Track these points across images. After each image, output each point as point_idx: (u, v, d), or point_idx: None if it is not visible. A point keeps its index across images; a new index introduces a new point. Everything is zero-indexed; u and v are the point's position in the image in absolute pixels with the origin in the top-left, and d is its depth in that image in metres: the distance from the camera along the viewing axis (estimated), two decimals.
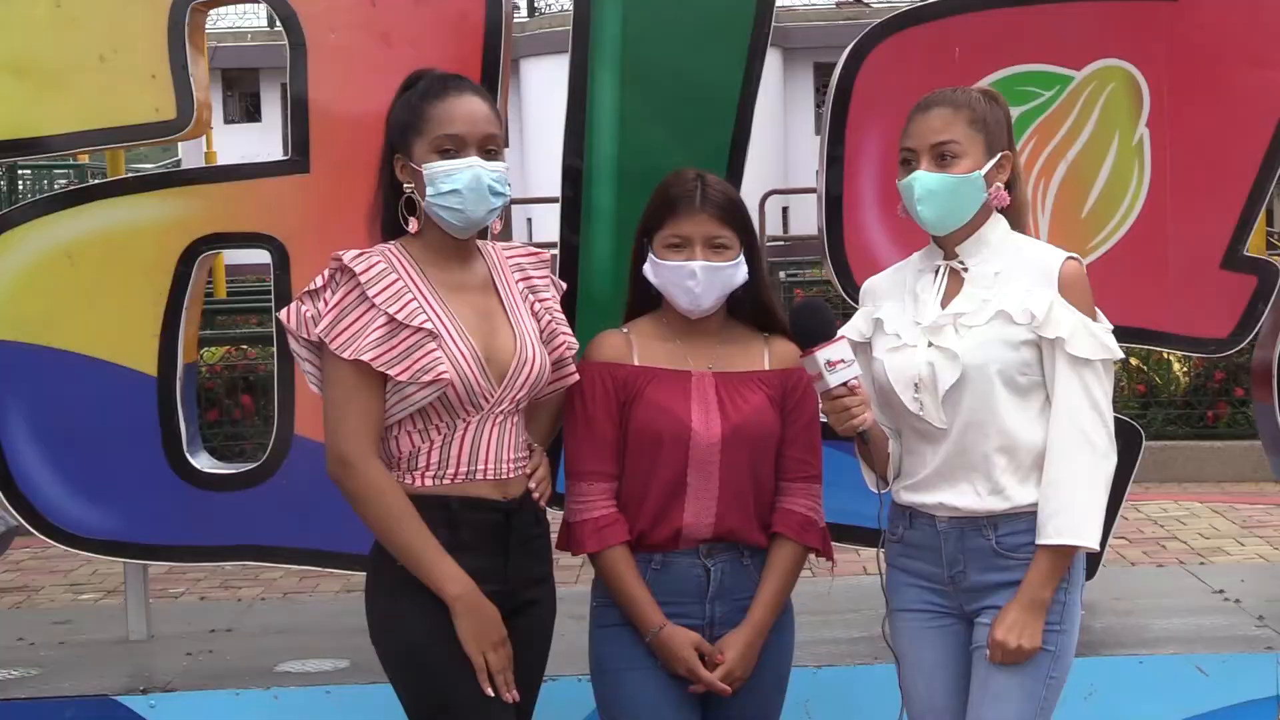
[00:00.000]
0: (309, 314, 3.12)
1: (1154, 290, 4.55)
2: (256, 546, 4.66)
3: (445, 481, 3.13)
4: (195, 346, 4.85)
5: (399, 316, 3.07)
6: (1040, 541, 3.15)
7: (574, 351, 3.36)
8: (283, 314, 3.16)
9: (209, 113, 4.65)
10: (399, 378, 3.06)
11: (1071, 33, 4.58)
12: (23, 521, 4.64)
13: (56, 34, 4.52)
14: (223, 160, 12.09)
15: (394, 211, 3.20)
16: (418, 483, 3.13)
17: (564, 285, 3.47)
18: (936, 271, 3.29)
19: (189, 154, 19.81)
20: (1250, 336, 4.67)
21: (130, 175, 6.79)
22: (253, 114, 27.78)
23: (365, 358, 3.05)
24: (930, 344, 3.21)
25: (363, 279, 3.08)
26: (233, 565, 6.71)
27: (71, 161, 17.00)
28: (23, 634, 4.97)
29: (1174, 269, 4.61)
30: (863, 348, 3.35)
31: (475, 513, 3.14)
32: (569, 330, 3.36)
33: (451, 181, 3.12)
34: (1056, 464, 3.15)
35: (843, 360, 3.15)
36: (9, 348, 4.55)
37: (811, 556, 3.46)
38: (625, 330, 3.45)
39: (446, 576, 3.06)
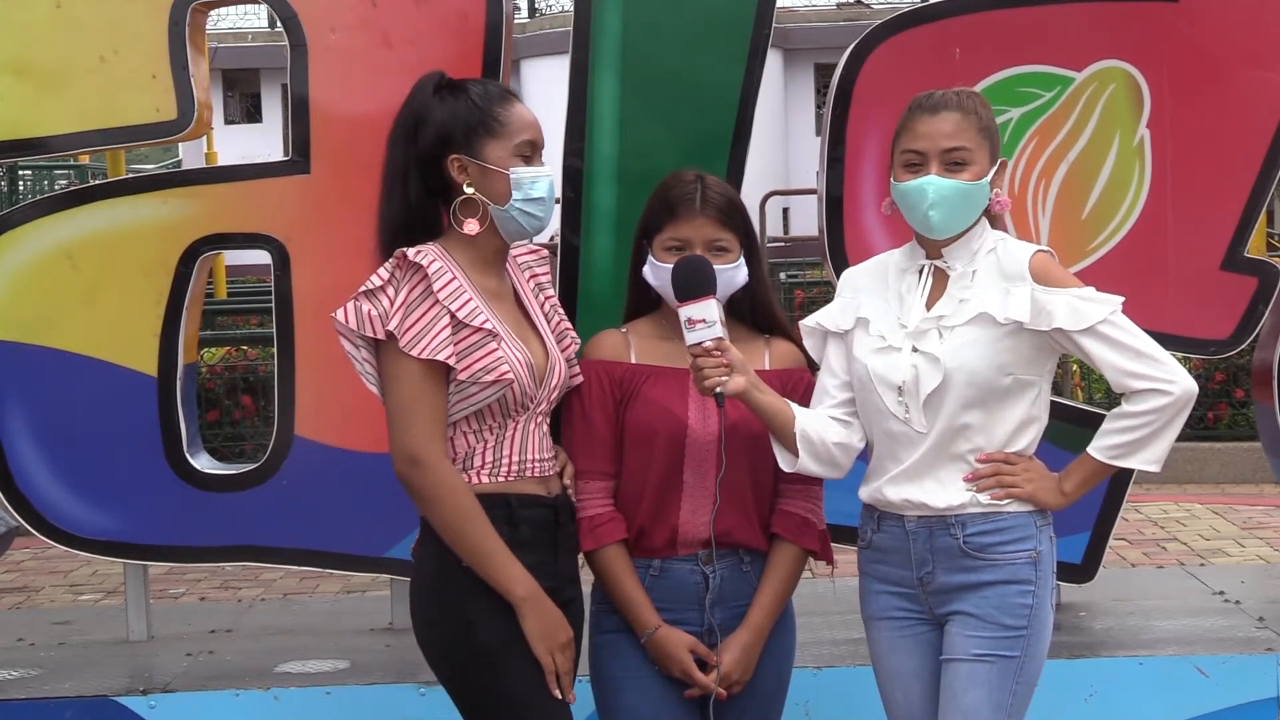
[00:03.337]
0: (372, 313, 3.10)
1: (1154, 291, 4.54)
2: (256, 547, 4.65)
3: (500, 479, 3.16)
4: (195, 347, 4.85)
5: (460, 315, 3.08)
6: (1093, 453, 3.23)
7: (578, 347, 3.39)
8: (339, 314, 3.13)
9: (209, 113, 4.65)
10: (460, 376, 3.08)
11: (1072, 34, 4.57)
12: (23, 522, 4.63)
13: (56, 34, 4.51)
14: (223, 161, 12.10)
15: (431, 211, 3.19)
16: (474, 480, 3.15)
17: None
18: (920, 271, 3.28)
19: (189, 154, 19.84)
20: (1250, 338, 4.67)
21: (131, 176, 6.78)
22: (253, 114, 27.77)
23: (440, 357, 3.06)
24: (914, 349, 3.21)
25: (429, 271, 3.08)
26: (233, 566, 6.72)
27: (72, 162, 16.99)
28: (22, 634, 4.96)
29: (1174, 270, 4.61)
30: (838, 338, 3.34)
31: (530, 510, 3.17)
32: (571, 327, 3.40)
33: (538, 188, 3.17)
34: (1133, 408, 3.20)
35: (703, 321, 3.15)
36: (9, 348, 4.55)
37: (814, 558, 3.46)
38: (624, 330, 3.45)
39: (514, 578, 3.09)
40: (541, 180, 3.17)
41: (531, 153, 3.19)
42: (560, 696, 3.12)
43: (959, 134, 3.20)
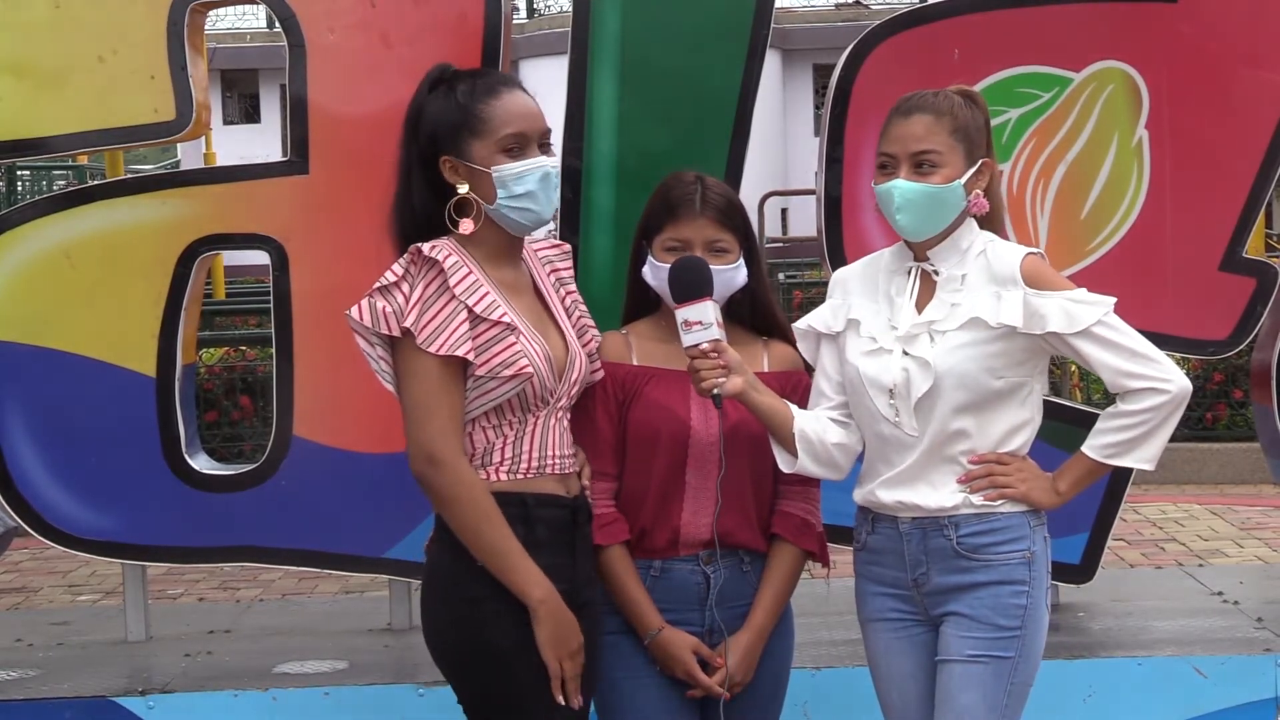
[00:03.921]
0: (387, 309, 3.07)
1: (1153, 292, 4.55)
2: (255, 548, 4.65)
3: (519, 476, 3.13)
4: (194, 347, 4.85)
5: (477, 309, 3.06)
6: (1088, 451, 3.23)
7: (599, 344, 3.37)
8: (353, 311, 3.10)
9: (208, 114, 4.65)
10: (479, 371, 3.06)
11: (1071, 34, 4.57)
12: (21, 522, 4.63)
13: (56, 34, 4.51)
14: (222, 161, 12.10)
15: (436, 214, 3.15)
16: (492, 477, 3.12)
17: None
18: (909, 274, 3.28)
19: (188, 155, 19.83)
20: (1249, 338, 4.67)
21: (129, 176, 6.78)
22: (252, 115, 27.73)
23: (459, 352, 3.03)
24: (905, 352, 3.21)
25: (445, 266, 3.06)
26: (231, 566, 6.71)
27: (70, 162, 17.00)
28: (21, 635, 4.96)
29: (1173, 271, 4.61)
30: (831, 340, 3.34)
31: (547, 509, 3.14)
32: (593, 323, 3.37)
33: (524, 183, 3.11)
34: (1129, 407, 3.19)
35: (700, 323, 3.15)
36: (9, 348, 4.55)
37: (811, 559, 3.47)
38: (624, 332, 3.45)
39: (531, 581, 3.06)
40: (529, 174, 3.12)
41: (517, 145, 3.12)
42: (564, 703, 3.09)
43: (929, 137, 3.19)
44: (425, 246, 3.09)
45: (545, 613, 3.06)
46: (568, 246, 3.42)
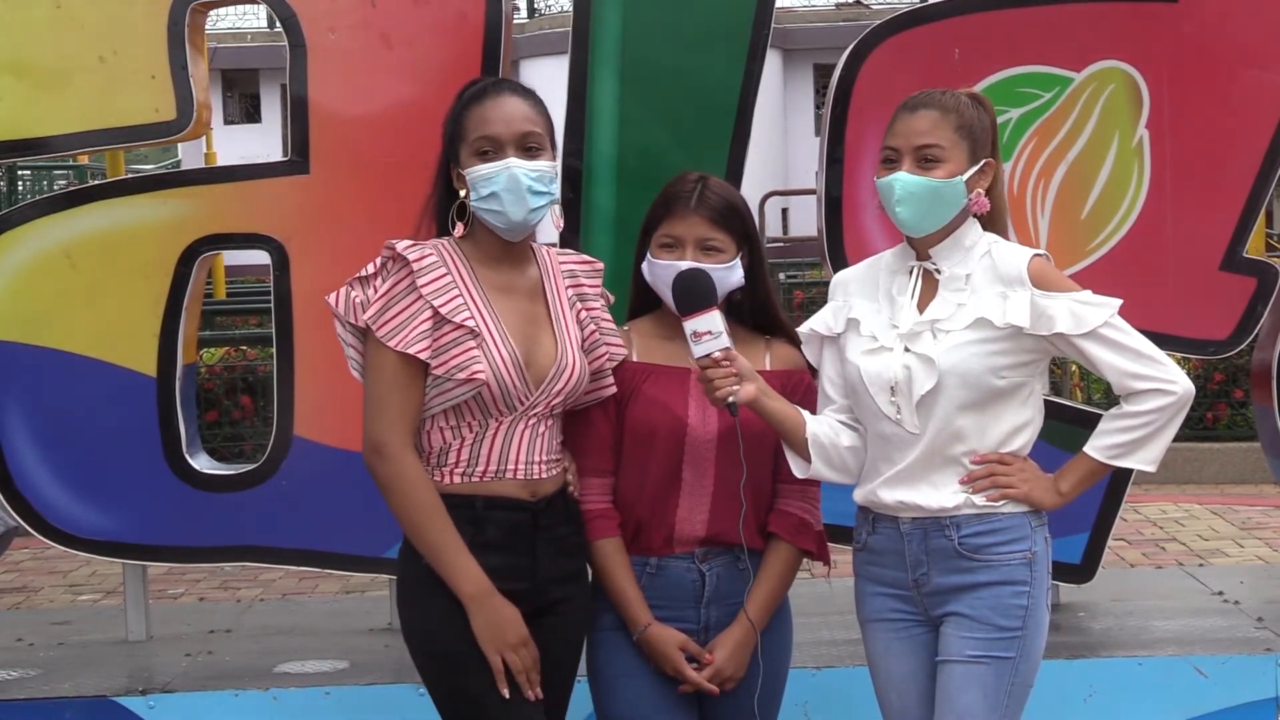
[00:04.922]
0: (358, 300, 3.13)
1: (1153, 292, 4.55)
2: (255, 547, 4.66)
3: (474, 479, 3.15)
4: (195, 347, 4.85)
5: (442, 311, 3.09)
6: (1091, 452, 3.23)
7: (615, 363, 3.35)
8: (331, 298, 3.17)
9: (209, 113, 4.65)
10: (436, 371, 3.09)
11: (1071, 34, 4.58)
12: (22, 522, 4.63)
13: (56, 34, 4.52)
14: (222, 161, 12.09)
15: (446, 214, 3.22)
16: (446, 479, 3.15)
17: (612, 298, 3.44)
18: (911, 273, 3.29)
19: (189, 155, 19.82)
20: (1249, 338, 4.67)
21: (130, 176, 6.78)
22: (252, 115, 27.72)
23: (412, 350, 3.07)
24: (907, 349, 3.21)
25: (415, 267, 3.09)
26: (232, 566, 6.72)
27: (71, 162, 17.00)
28: (22, 635, 4.96)
29: (1173, 270, 4.61)
30: (833, 342, 3.35)
31: (500, 512, 3.15)
32: (615, 342, 3.36)
33: (489, 185, 3.14)
34: (1134, 408, 3.20)
35: (709, 332, 3.16)
36: (9, 348, 4.55)
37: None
38: (625, 328, 3.45)
39: (462, 575, 3.08)
40: (495, 175, 3.13)
41: (491, 148, 3.15)
42: (507, 696, 3.09)
43: (933, 132, 3.20)
44: (401, 244, 3.13)
45: (475, 607, 3.08)
46: (600, 265, 3.42)
